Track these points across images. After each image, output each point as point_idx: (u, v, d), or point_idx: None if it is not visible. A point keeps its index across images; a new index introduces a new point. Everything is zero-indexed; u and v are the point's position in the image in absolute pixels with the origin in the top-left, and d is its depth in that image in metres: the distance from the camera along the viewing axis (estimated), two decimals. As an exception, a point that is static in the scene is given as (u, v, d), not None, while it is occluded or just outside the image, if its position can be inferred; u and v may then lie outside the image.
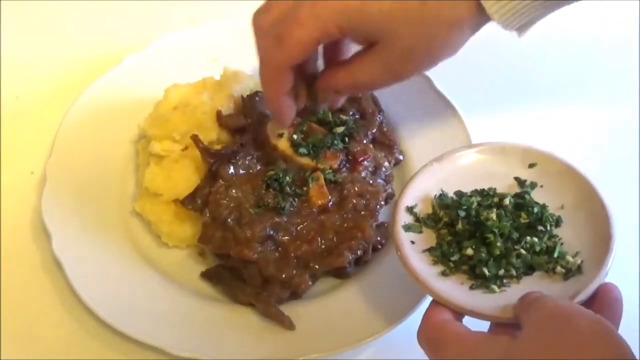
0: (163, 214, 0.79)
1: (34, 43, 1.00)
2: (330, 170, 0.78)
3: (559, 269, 0.64)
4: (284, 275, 0.72)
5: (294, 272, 0.73)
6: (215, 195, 0.75)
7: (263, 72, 0.67)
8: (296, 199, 0.76)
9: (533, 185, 0.71)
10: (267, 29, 0.66)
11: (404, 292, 0.73)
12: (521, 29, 0.65)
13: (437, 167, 0.72)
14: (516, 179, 0.71)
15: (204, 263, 0.78)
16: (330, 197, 0.76)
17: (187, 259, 0.79)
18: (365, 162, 0.80)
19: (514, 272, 0.64)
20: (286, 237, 0.74)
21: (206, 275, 0.77)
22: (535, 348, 0.52)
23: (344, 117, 0.82)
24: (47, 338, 0.74)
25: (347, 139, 0.80)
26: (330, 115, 0.82)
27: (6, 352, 0.72)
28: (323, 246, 0.74)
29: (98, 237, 0.78)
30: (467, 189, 0.71)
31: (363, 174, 0.79)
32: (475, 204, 0.68)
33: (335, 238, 0.75)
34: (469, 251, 0.65)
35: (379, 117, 0.85)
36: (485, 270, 0.64)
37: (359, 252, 0.74)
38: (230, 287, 0.75)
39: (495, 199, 0.69)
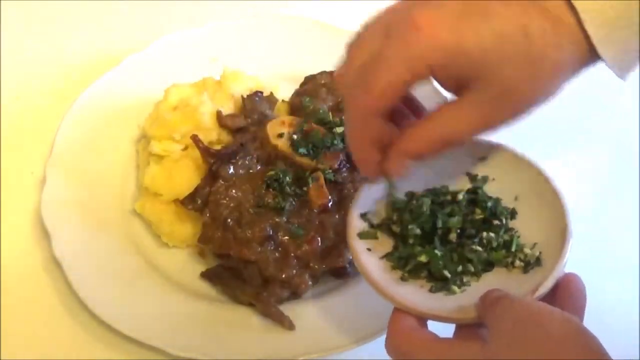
0: (163, 214, 0.79)
1: (34, 43, 1.00)
2: (330, 170, 0.78)
3: (517, 262, 0.63)
4: (284, 275, 0.72)
5: (294, 272, 0.73)
6: (215, 195, 0.75)
7: (348, 119, 0.62)
8: (296, 199, 0.76)
9: (485, 179, 0.69)
10: (354, 74, 0.60)
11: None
12: (627, 69, 0.58)
13: None
14: (467, 174, 0.69)
15: (204, 263, 0.78)
16: (330, 197, 0.76)
17: (187, 259, 0.79)
18: (365, 162, 0.80)
19: (472, 268, 0.63)
20: (286, 237, 0.74)
21: (206, 275, 0.77)
22: (508, 353, 0.51)
23: (344, 117, 0.82)
24: (47, 338, 0.74)
25: (347, 139, 0.80)
26: (330, 115, 0.82)
27: (6, 352, 0.72)
28: (323, 246, 0.74)
29: (98, 237, 0.78)
30: (418, 189, 0.69)
31: (363, 174, 0.79)
32: (428, 204, 0.66)
33: (335, 238, 0.75)
34: (423, 258, 0.63)
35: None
36: (446, 272, 0.62)
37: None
38: (230, 287, 0.75)
39: (448, 197, 0.67)
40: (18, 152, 0.88)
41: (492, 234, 0.64)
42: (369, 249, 0.65)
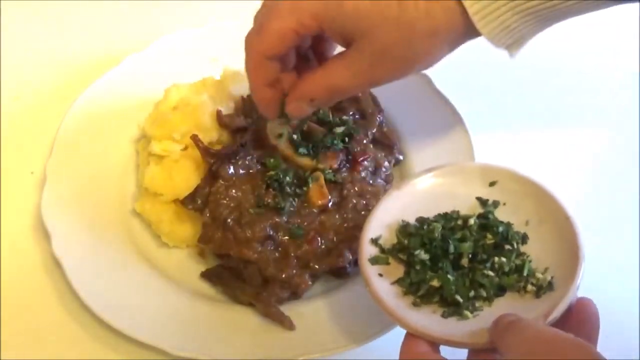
0: (163, 214, 0.79)
1: (34, 43, 1.00)
2: (330, 170, 0.78)
3: (530, 287, 0.63)
4: (284, 275, 0.72)
5: (294, 272, 0.73)
6: (215, 195, 0.75)
7: (245, 61, 0.67)
8: (296, 199, 0.76)
9: (496, 204, 0.69)
10: (254, 21, 0.67)
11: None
12: (512, 47, 0.63)
13: (397, 195, 0.70)
14: (478, 199, 0.70)
15: (204, 263, 0.78)
16: (330, 197, 0.76)
17: (187, 259, 0.79)
18: (365, 162, 0.80)
19: (484, 293, 0.63)
20: (286, 237, 0.74)
21: (206, 275, 0.77)
22: None
23: (344, 117, 0.82)
24: (47, 338, 0.74)
25: (347, 139, 0.80)
26: (330, 115, 0.82)
27: (6, 352, 0.72)
28: (323, 246, 0.74)
29: (98, 237, 0.78)
30: (430, 214, 0.69)
31: (363, 174, 0.79)
32: (439, 229, 0.67)
33: (335, 238, 0.75)
34: (435, 282, 0.63)
35: (379, 117, 0.85)
36: (458, 297, 0.62)
37: (358, 252, 0.74)
38: (230, 287, 0.75)
39: (460, 222, 0.68)
40: (18, 152, 0.88)
41: (503, 259, 0.64)
42: (380, 275, 0.66)
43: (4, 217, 0.82)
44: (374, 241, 0.68)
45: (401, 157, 0.85)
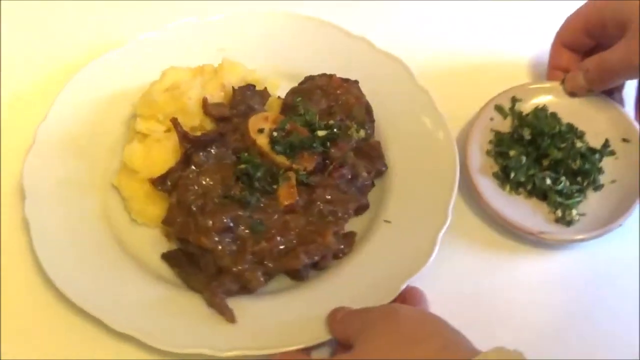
0: (137, 191, 0.79)
1: (34, 43, 0.99)
2: (305, 172, 0.77)
3: (558, 212, 0.76)
4: (235, 269, 0.72)
5: (247, 267, 0.72)
6: (184, 179, 0.76)
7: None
8: (265, 195, 0.76)
9: (612, 154, 0.80)
10: None
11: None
12: None
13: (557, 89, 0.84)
14: (606, 140, 0.80)
15: (169, 245, 0.79)
16: (298, 199, 0.76)
17: (153, 238, 0.79)
18: (343, 170, 0.78)
19: (528, 188, 0.77)
20: (246, 232, 0.74)
21: (166, 257, 0.77)
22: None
23: (330, 122, 0.81)
24: (47, 338, 0.74)
25: (328, 143, 0.79)
26: (316, 118, 0.81)
27: (6, 352, 0.73)
28: (282, 246, 0.74)
29: (72, 206, 0.79)
30: (565, 118, 0.81)
31: (338, 181, 0.78)
32: (558, 128, 0.79)
33: (295, 240, 0.74)
34: (512, 153, 0.78)
35: (368, 128, 0.83)
36: (512, 173, 0.77)
37: (315, 257, 0.74)
38: (185, 272, 0.75)
39: (574, 139, 0.78)
40: (18, 152, 0.84)
41: (568, 183, 0.77)
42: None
43: (4, 217, 0.81)
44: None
45: (384, 168, 0.83)
